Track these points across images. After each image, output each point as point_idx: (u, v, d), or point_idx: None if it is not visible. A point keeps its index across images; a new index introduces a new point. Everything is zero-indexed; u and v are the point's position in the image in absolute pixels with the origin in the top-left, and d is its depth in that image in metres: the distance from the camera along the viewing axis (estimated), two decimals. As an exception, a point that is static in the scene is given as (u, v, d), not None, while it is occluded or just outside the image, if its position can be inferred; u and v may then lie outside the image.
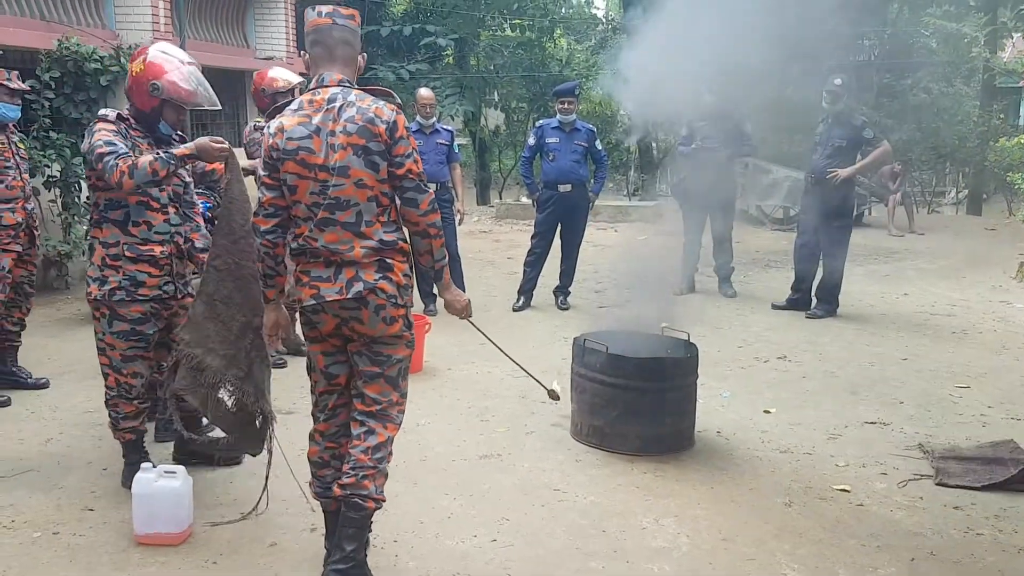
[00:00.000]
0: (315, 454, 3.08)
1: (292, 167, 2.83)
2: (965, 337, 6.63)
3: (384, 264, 2.87)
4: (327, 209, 2.82)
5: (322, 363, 3.01)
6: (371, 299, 2.84)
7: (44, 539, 3.35)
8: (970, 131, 15.09)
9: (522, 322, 6.99)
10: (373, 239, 2.85)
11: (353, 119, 2.82)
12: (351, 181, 2.81)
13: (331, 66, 2.91)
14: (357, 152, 2.80)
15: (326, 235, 2.83)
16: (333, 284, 2.85)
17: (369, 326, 2.87)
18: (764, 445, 4.41)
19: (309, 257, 2.88)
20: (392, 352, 2.95)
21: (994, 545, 3.43)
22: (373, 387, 2.94)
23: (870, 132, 6.98)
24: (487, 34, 16.89)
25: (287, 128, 2.84)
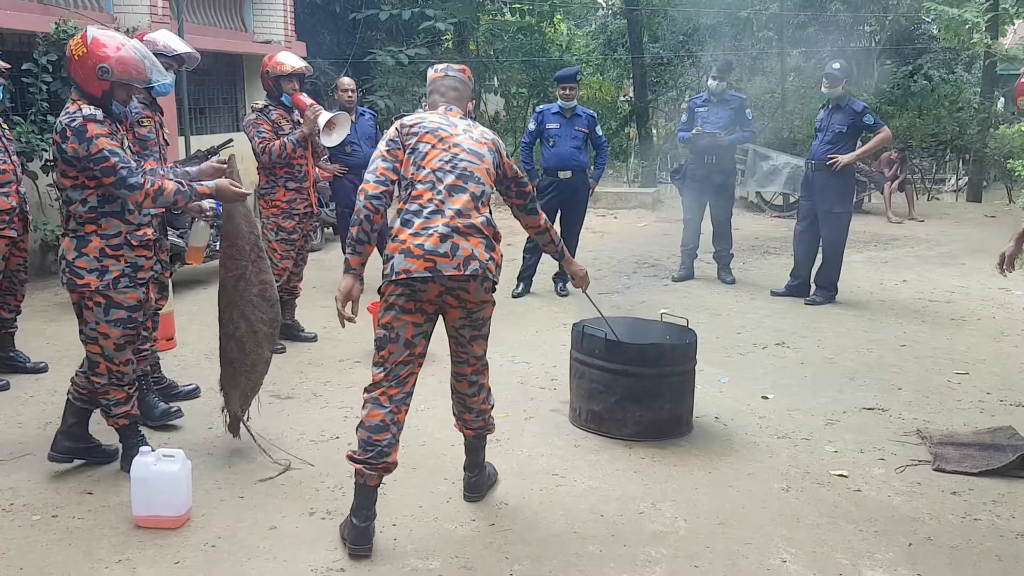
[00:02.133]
0: (377, 417, 3.15)
1: (429, 138, 3.21)
2: (964, 324, 6.63)
3: (491, 244, 3.19)
4: (459, 177, 3.16)
5: (410, 332, 3.18)
6: (481, 275, 3.13)
7: (43, 522, 3.35)
8: (971, 118, 15.05)
9: (521, 308, 6.99)
10: (483, 215, 3.19)
11: (483, 134, 3.36)
12: (482, 164, 3.24)
13: (448, 101, 3.42)
14: (490, 152, 3.31)
15: (454, 200, 3.13)
16: (451, 260, 3.08)
17: (475, 296, 3.18)
18: (762, 431, 4.42)
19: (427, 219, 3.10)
20: (486, 314, 3.33)
21: (991, 530, 3.44)
22: (478, 347, 3.37)
23: (871, 118, 6.96)
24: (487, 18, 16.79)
25: (426, 118, 3.28)
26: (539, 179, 7.32)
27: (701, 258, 8.12)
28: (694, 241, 7.92)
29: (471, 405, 3.46)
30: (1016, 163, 10.46)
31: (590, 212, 7.80)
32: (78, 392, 3.75)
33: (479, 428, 3.52)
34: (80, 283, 3.50)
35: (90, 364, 3.62)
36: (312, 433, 4.25)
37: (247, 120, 5.61)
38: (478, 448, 3.57)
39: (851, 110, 6.95)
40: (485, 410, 3.50)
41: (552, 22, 18.71)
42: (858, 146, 7.09)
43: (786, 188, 12.03)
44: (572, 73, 7.26)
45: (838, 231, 7.06)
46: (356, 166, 6.98)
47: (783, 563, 3.15)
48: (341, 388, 4.95)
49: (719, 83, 7.60)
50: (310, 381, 5.00)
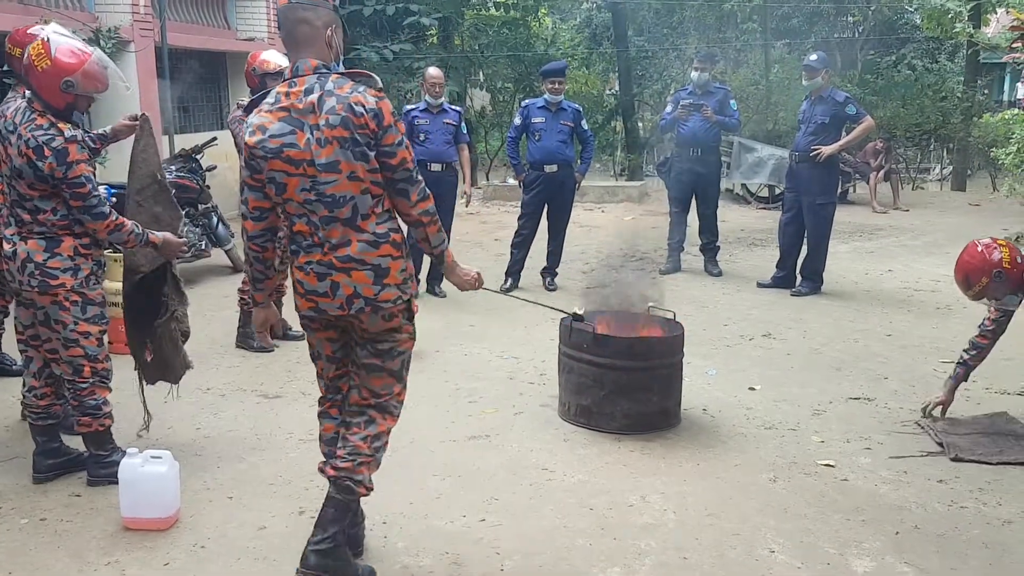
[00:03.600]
0: (330, 430, 3.04)
1: (279, 165, 2.70)
2: (949, 312, 6.67)
3: (380, 270, 2.77)
4: (327, 206, 2.71)
5: (329, 350, 2.97)
6: (369, 311, 2.79)
7: (31, 525, 3.34)
8: (954, 107, 15.13)
9: (510, 303, 6.97)
10: (368, 232, 2.75)
11: (335, 110, 2.66)
12: (344, 176, 2.69)
13: (298, 51, 2.75)
14: (344, 145, 2.67)
15: (329, 231, 2.73)
16: (332, 300, 2.78)
17: (371, 325, 2.83)
18: (749, 422, 4.44)
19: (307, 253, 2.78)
20: (394, 345, 2.89)
21: (978, 517, 3.47)
22: (376, 380, 2.90)
23: (853, 108, 6.99)
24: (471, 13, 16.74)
25: (268, 126, 2.70)
26: (525, 174, 7.33)
27: (688, 251, 8.14)
28: (681, 234, 7.95)
29: (347, 435, 2.91)
30: (1000, 151, 10.52)
31: (577, 206, 7.81)
32: (34, 413, 3.72)
33: (342, 471, 2.87)
34: (55, 284, 3.46)
35: (74, 370, 3.57)
36: (300, 432, 4.25)
37: (232, 117, 5.58)
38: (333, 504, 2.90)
39: (833, 101, 6.98)
40: (359, 450, 2.88)
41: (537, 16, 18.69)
42: (842, 136, 7.12)
43: (771, 180, 12.07)
44: (560, 68, 7.26)
45: (823, 222, 7.10)
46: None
47: (771, 553, 3.17)
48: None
49: (702, 74, 7.62)
50: (298, 380, 4.99)
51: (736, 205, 12.63)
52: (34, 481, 3.70)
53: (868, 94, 15.47)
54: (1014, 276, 3.97)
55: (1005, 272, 3.96)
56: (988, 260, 3.99)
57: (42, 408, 3.71)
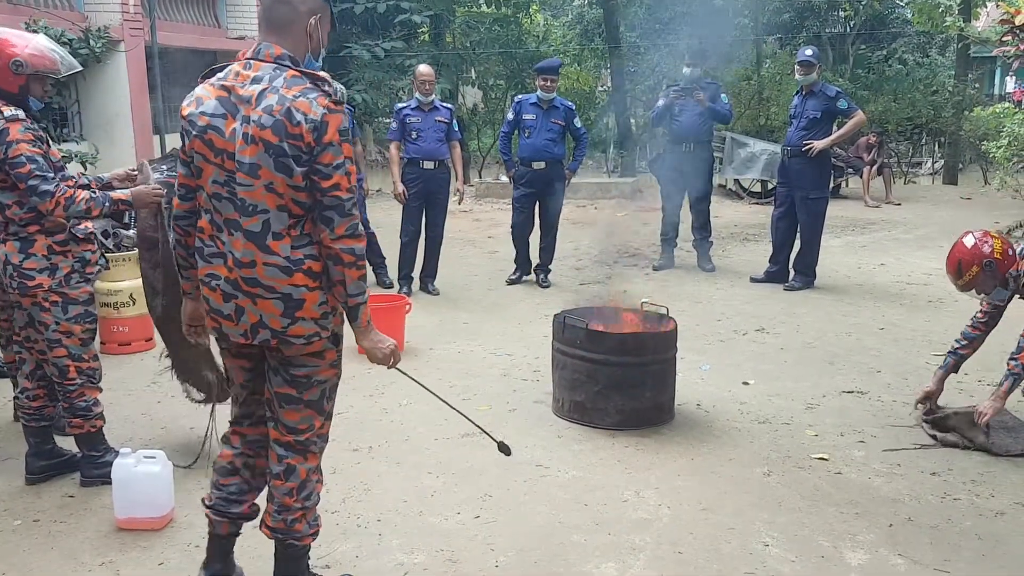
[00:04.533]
0: (227, 459, 2.71)
1: (199, 146, 2.41)
2: (941, 306, 6.69)
3: (291, 300, 2.42)
4: (237, 209, 2.39)
5: (241, 378, 2.65)
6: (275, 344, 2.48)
7: (24, 527, 3.33)
8: (945, 101, 15.17)
9: (504, 301, 7.00)
10: (280, 255, 2.40)
11: (271, 109, 2.33)
12: (261, 183, 2.35)
13: (269, 34, 2.44)
14: (269, 150, 2.33)
15: (234, 240, 2.41)
16: (236, 325, 2.48)
17: (283, 348, 2.51)
18: (743, 416, 4.45)
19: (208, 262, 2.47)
20: (312, 374, 2.55)
21: (971, 509, 3.49)
22: (292, 414, 2.56)
23: (844, 103, 7.01)
24: (463, 10, 16.75)
25: (204, 100, 2.42)
26: (515, 169, 7.38)
27: (681, 246, 8.14)
28: (674, 230, 7.96)
29: (272, 491, 2.65)
30: (991, 144, 10.55)
31: (570, 202, 7.83)
32: (27, 414, 3.70)
33: (278, 531, 2.65)
34: (32, 284, 3.42)
35: (60, 371, 3.55)
36: (295, 430, 4.24)
37: None
38: (282, 560, 2.72)
39: (825, 95, 6.99)
40: (288, 507, 2.61)
41: (528, 13, 18.68)
42: (833, 131, 7.13)
43: (764, 175, 12.09)
44: (554, 66, 7.29)
45: (815, 216, 7.11)
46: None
47: (765, 547, 3.18)
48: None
49: (693, 70, 7.62)
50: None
51: (729, 200, 12.65)
52: (27, 482, 3.68)
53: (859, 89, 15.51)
54: (1004, 267, 3.98)
55: (995, 263, 3.97)
56: (980, 251, 4.00)
57: (35, 410, 3.69)
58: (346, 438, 4.16)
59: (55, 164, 3.43)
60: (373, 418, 4.42)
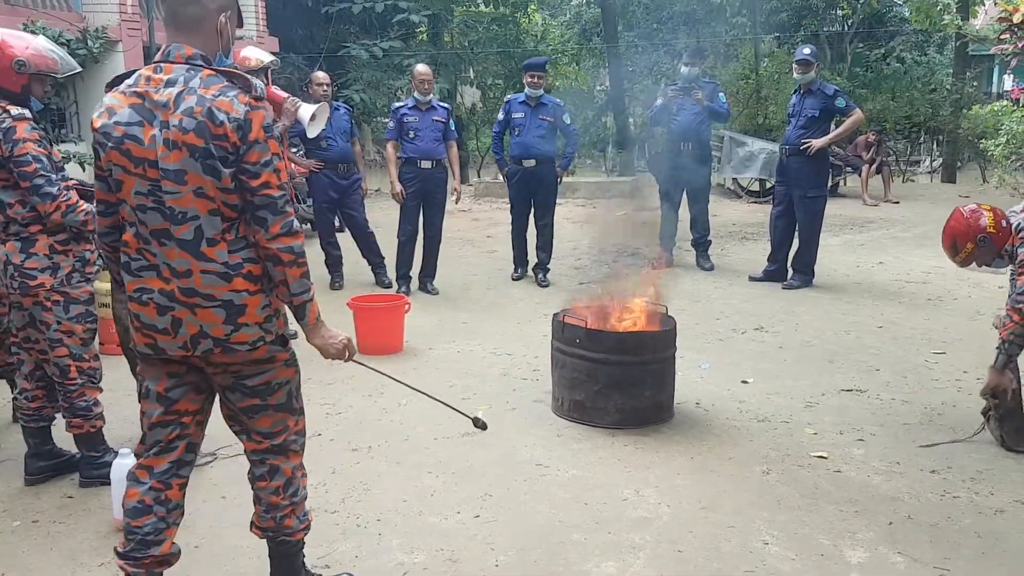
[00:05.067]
0: (134, 498, 2.51)
1: (116, 157, 2.31)
2: (940, 304, 6.70)
3: (233, 307, 2.36)
4: (166, 218, 2.30)
5: (162, 386, 2.48)
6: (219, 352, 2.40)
7: (23, 528, 3.33)
8: (943, 99, 15.18)
9: (504, 300, 7.00)
10: (217, 261, 2.33)
11: (192, 112, 2.25)
12: (189, 189, 2.28)
13: (178, 34, 2.34)
14: (194, 154, 2.26)
15: (167, 250, 2.33)
16: (173, 338, 2.38)
17: (234, 359, 2.43)
18: (742, 415, 4.45)
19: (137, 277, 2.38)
20: (271, 379, 2.50)
21: (970, 507, 3.49)
22: (263, 421, 2.54)
23: (842, 101, 7.01)
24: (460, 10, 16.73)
25: (117, 110, 2.31)
26: (507, 167, 7.43)
27: (680, 245, 8.15)
28: (672, 229, 7.96)
29: (258, 492, 2.64)
30: (989, 142, 10.56)
31: (569, 202, 7.84)
32: (26, 415, 3.70)
33: (269, 530, 2.66)
34: (34, 284, 3.43)
35: (61, 371, 3.55)
36: (294, 430, 4.24)
37: None
38: (278, 557, 2.72)
39: (823, 94, 7.00)
40: (277, 505, 2.61)
41: (526, 12, 18.67)
42: (831, 129, 7.14)
43: (762, 174, 12.11)
44: (541, 62, 7.37)
45: (813, 215, 7.11)
46: (333, 161, 7.00)
47: (765, 545, 3.18)
48: (322, 385, 4.93)
49: (691, 69, 7.63)
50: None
51: (727, 199, 12.66)
52: (26, 483, 3.68)
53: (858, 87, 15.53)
54: (999, 241, 3.97)
55: (990, 237, 3.96)
56: (973, 225, 3.98)
57: (34, 410, 3.69)
58: (345, 438, 4.16)
59: (56, 165, 3.44)
60: (372, 418, 4.42)
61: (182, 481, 2.57)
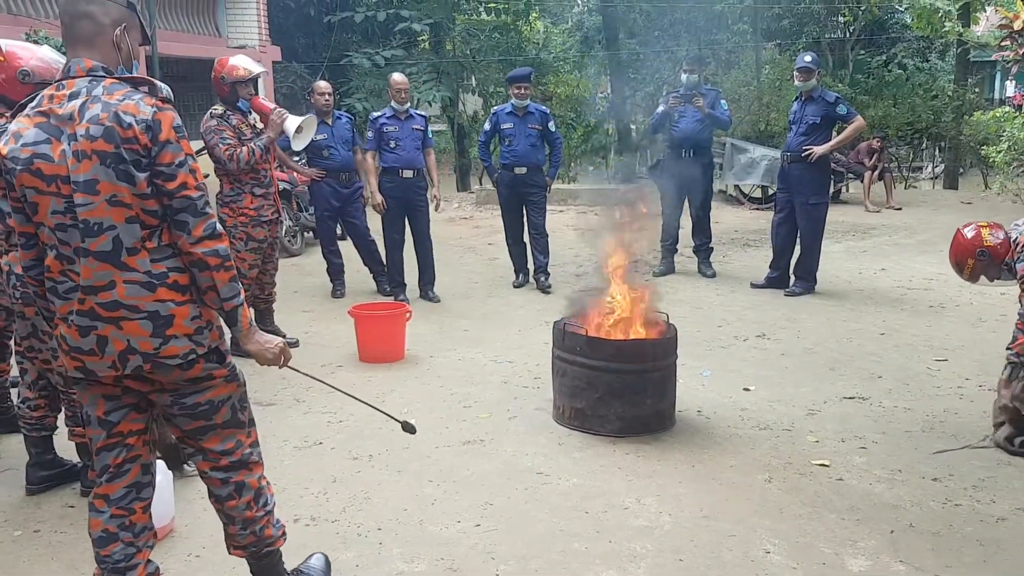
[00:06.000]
0: (98, 527, 2.47)
1: (28, 179, 2.25)
2: (943, 311, 6.69)
3: (159, 318, 2.30)
4: (84, 234, 2.25)
5: (101, 410, 2.42)
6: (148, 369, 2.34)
7: (25, 537, 3.33)
8: (945, 106, 15.18)
9: (505, 307, 7.00)
10: (139, 270, 2.28)
11: (97, 119, 2.22)
12: (102, 198, 2.23)
13: (76, 49, 2.32)
14: (105, 161, 2.21)
15: (85, 269, 2.26)
16: (100, 359, 2.31)
17: (170, 378, 2.38)
18: (744, 423, 4.44)
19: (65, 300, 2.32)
20: (212, 397, 2.45)
21: (972, 515, 3.48)
22: (213, 440, 2.50)
23: (843, 108, 7.02)
24: (462, 18, 16.78)
25: (22, 133, 2.27)
26: (497, 174, 7.53)
27: (681, 252, 8.15)
28: (674, 236, 7.96)
29: (229, 512, 2.59)
30: (991, 149, 10.58)
31: (570, 208, 7.86)
32: (29, 423, 3.70)
33: (251, 546, 2.64)
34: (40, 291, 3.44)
35: (64, 380, 3.55)
36: (295, 439, 4.24)
37: (206, 127, 5.46)
38: (264, 571, 2.71)
39: (824, 101, 7.00)
40: (253, 519, 2.59)
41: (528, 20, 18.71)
42: (833, 136, 7.15)
43: (764, 181, 12.10)
44: (526, 74, 7.48)
45: (815, 222, 7.11)
46: (334, 170, 7.01)
47: (766, 554, 3.17)
48: (323, 393, 4.90)
49: (692, 76, 7.65)
50: (292, 387, 4.98)
51: (729, 206, 12.66)
52: (27, 492, 3.68)
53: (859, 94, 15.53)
54: (999, 253, 4.01)
55: (988, 251, 4.01)
56: (971, 242, 4.06)
57: (36, 419, 3.70)
58: (346, 447, 4.16)
59: None
60: (373, 426, 4.41)
61: (145, 503, 2.53)
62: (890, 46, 19.62)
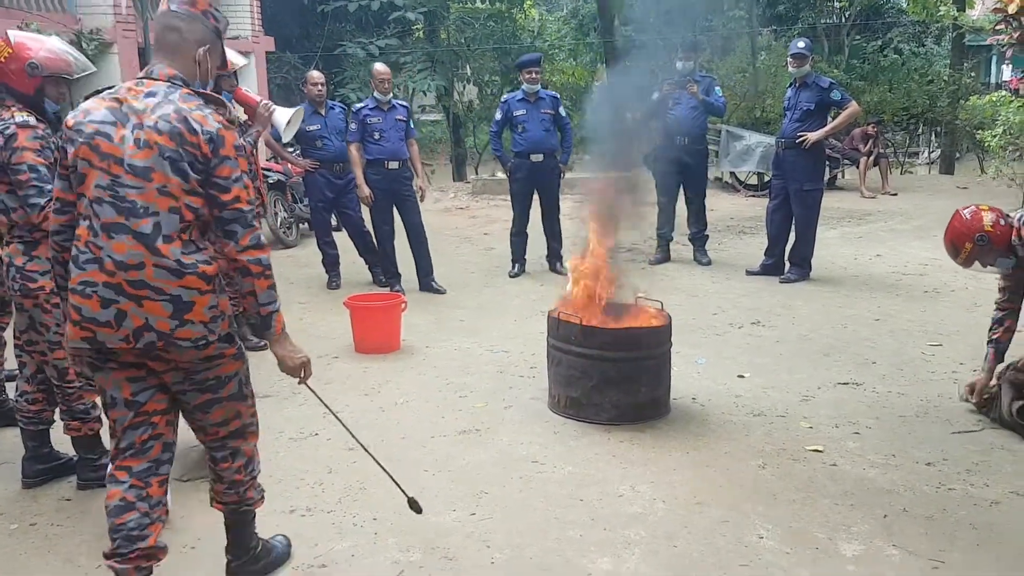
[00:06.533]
0: (116, 497, 2.59)
1: (85, 152, 2.45)
2: (937, 296, 6.70)
3: (180, 303, 2.46)
4: (121, 212, 2.43)
5: (127, 392, 2.57)
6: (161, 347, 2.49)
7: (21, 531, 3.34)
8: (941, 90, 15.17)
9: (501, 297, 7.01)
10: (169, 258, 2.45)
11: (167, 117, 2.46)
12: (153, 186, 2.43)
13: (162, 57, 2.58)
14: (164, 155, 2.44)
15: (114, 244, 2.43)
16: (115, 331, 2.45)
17: (183, 357, 2.54)
18: (738, 409, 4.45)
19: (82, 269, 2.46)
20: (221, 372, 2.63)
21: (965, 499, 3.49)
22: (217, 413, 2.69)
23: (838, 94, 7.01)
24: (457, 7, 16.73)
25: (92, 111, 2.50)
26: (511, 163, 7.49)
27: (677, 240, 8.15)
28: (669, 224, 7.96)
29: (221, 473, 2.82)
30: (986, 133, 10.57)
31: (567, 198, 7.83)
32: (26, 417, 3.70)
33: (232, 503, 2.87)
34: (34, 287, 3.43)
35: (59, 373, 3.56)
36: (291, 431, 4.25)
37: None
38: (238, 525, 2.92)
39: (818, 87, 6.99)
40: (240, 481, 2.83)
41: (522, 8, 18.65)
42: (828, 122, 7.14)
43: (760, 167, 12.09)
44: (535, 59, 7.44)
45: (810, 208, 7.12)
46: (328, 160, 7.00)
47: (760, 539, 3.19)
48: (319, 384, 4.86)
49: (686, 64, 7.64)
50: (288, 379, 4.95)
51: (725, 193, 12.66)
52: (24, 486, 3.69)
53: (855, 79, 15.51)
54: (999, 239, 4.00)
55: (988, 235, 4.00)
56: (971, 226, 4.03)
57: (33, 413, 3.70)
58: (342, 437, 4.14)
59: None
60: (370, 417, 4.43)
61: (161, 479, 2.67)
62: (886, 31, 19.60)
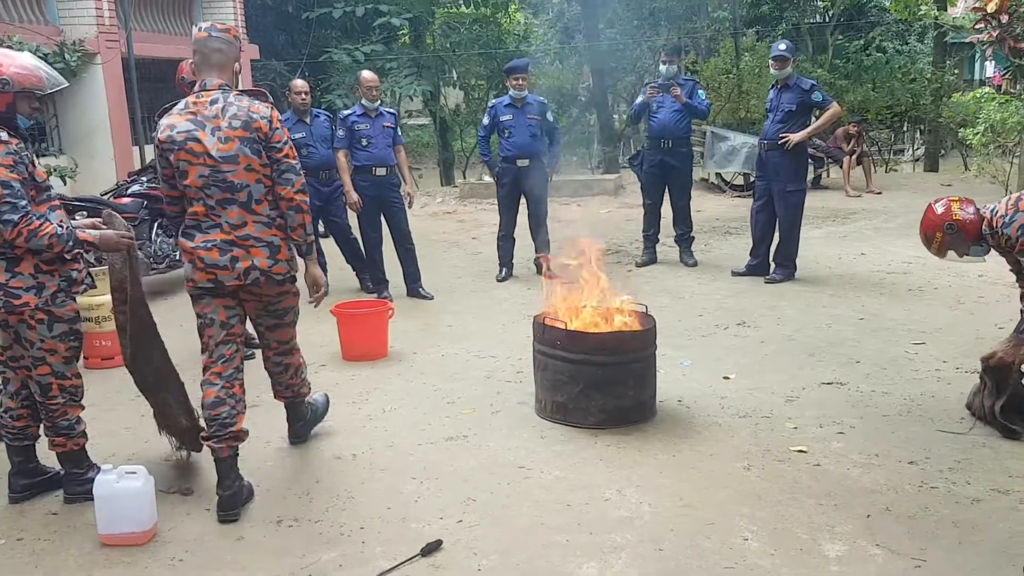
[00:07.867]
0: (212, 395, 3.53)
1: (183, 155, 3.42)
2: (921, 294, 6.75)
3: (273, 247, 3.52)
4: (226, 190, 3.43)
5: (224, 316, 3.57)
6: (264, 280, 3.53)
7: (8, 545, 3.34)
8: (924, 88, 15.26)
9: (488, 302, 7.02)
10: (262, 215, 3.50)
11: (236, 116, 3.44)
12: (241, 167, 3.43)
13: (210, 72, 3.49)
14: (243, 142, 3.42)
15: (228, 212, 3.46)
16: (231, 272, 3.48)
17: (267, 291, 3.61)
18: (724, 411, 4.48)
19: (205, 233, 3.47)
20: (286, 304, 3.75)
21: (948, 497, 3.52)
22: (283, 333, 3.83)
23: (819, 95, 7.05)
24: (442, 12, 16.73)
25: (176, 124, 3.44)
26: (498, 168, 7.51)
27: (663, 242, 8.18)
28: (655, 226, 8.00)
29: (279, 380, 3.99)
30: (968, 131, 10.63)
31: (553, 201, 7.86)
32: (11, 433, 3.69)
33: (290, 396, 4.07)
34: (18, 304, 3.40)
35: (42, 389, 3.54)
36: (278, 441, 4.25)
37: None
38: (295, 407, 4.14)
39: (799, 88, 7.04)
40: (294, 384, 4.02)
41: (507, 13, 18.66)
42: (810, 123, 7.19)
43: (745, 168, 12.14)
44: (523, 65, 7.44)
45: (793, 209, 7.16)
46: (314, 168, 6.97)
47: (744, 541, 3.21)
48: (307, 393, 4.95)
49: (670, 66, 7.67)
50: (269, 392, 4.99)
51: (711, 194, 12.71)
52: (10, 501, 3.68)
53: (839, 78, 15.57)
54: (968, 228, 4.04)
55: (957, 223, 4.04)
56: (940, 216, 4.09)
57: (18, 429, 3.69)
58: (329, 447, 4.18)
59: (40, 185, 3.43)
60: (357, 425, 4.44)
61: (241, 381, 3.64)
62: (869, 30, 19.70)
